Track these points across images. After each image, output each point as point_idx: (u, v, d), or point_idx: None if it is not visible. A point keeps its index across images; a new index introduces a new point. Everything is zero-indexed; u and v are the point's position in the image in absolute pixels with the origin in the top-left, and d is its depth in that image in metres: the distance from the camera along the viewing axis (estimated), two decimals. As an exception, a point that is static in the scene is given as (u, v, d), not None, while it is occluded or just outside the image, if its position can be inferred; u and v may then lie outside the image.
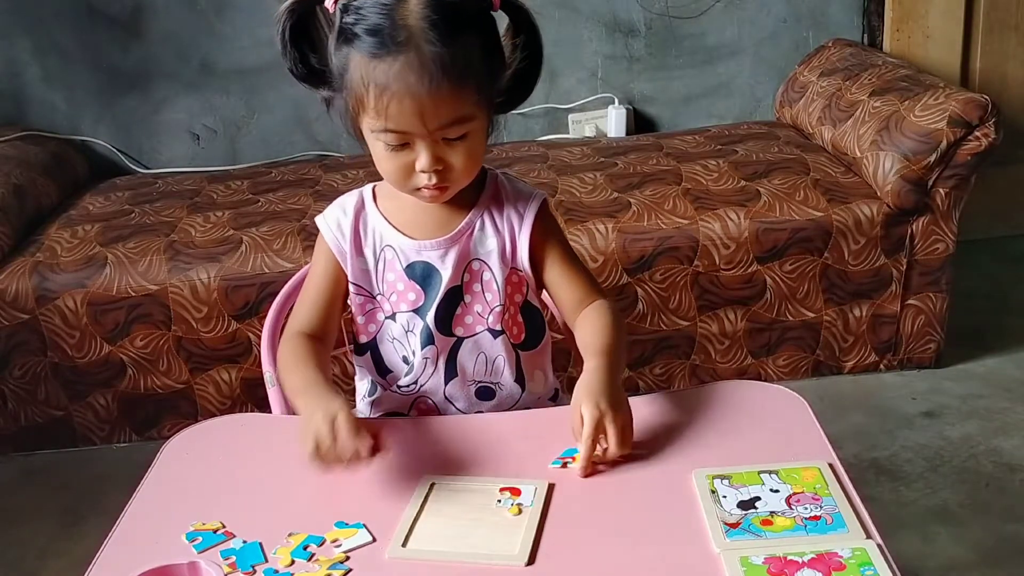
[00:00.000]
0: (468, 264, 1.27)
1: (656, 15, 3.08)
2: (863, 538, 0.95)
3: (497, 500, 1.04)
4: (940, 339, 2.51)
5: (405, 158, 1.16)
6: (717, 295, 2.40)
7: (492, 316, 1.28)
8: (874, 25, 3.09)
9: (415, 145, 1.15)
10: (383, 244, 1.28)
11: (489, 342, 1.29)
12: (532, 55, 1.21)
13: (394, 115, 1.12)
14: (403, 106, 1.11)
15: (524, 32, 1.20)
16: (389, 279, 1.28)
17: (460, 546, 0.98)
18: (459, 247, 1.26)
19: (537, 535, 0.99)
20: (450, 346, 1.29)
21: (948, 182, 2.38)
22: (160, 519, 1.07)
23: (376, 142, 1.17)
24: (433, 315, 1.27)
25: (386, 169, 1.20)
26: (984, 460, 2.18)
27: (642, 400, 1.22)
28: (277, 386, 1.42)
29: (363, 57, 1.12)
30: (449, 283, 1.26)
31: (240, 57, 3.04)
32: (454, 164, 1.17)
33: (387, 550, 0.98)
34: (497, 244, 1.27)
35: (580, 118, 3.12)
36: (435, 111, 1.12)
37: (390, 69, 1.10)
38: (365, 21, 1.12)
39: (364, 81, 1.12)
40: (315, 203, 2.55)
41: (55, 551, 2.09)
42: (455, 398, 1.31)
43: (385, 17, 1.11)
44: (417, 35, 1.10)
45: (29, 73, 3.02)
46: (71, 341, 2.34)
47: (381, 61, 1.11)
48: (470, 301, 1.28)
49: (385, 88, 1.11)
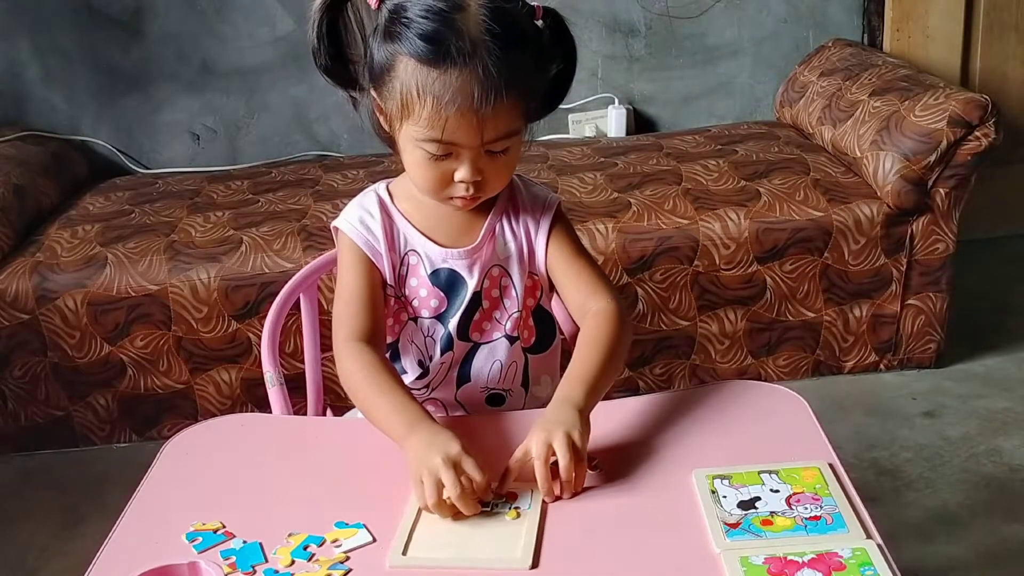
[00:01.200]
0: (488, 270, 1.26)
1: (656, 15, 3.08)
2: (863, 538, 0.95)
3: (495, 504, 1.04)
4: (940, 339, 2.51)
5: (446, 167, 1.14)
6: (717, 295, 2.40)
7: (510, 322, 1.28)
8: (874, 25, 3.09)
9: (459, 156, 1.13)
10: (408, 248, 1.26)
11: (505, 348, 1.28)
12: (568, 64, 1.19)
13: (451, 128, 1.09)
14: (463, 120, 1.08)
15: (560, 42, 1.18)
16: (412, 284, 1.27)
17: (461, 552, 0.98)
18: (483, 254, 1.26)
19: (539, 538, 0.99)
20: (466, 352, 1.28)
21: (948, 182, 2.37)
22: (160, 519, 1.07)
23: (416, 150, 1.14)
24: (456, 322, 1.26)
25: (423, 177, 1.17)
26: (984, 460, 2.18)
27: (642, 400, 1.22)
28: (277, 386, 1.42)
29: (417, 64, 1.08)
30: (472, 290, 1.25)
31: (240, 57, 3.04)
32: (491, 176, 1.16)
33: (387, 559, 0.97)
34: (515, 249, 1.27)
35: (580, 118, 3.12)
36: (494, 126, 1.10)
37: (452, 81, 1.07)
38: (420, 25, 1.08)
39: (420, 90, 1.08)
40: (315, 203, 2.55)
41: (55, 551, 2.09)
42: (465, 403, 1.31)
43: (443, 24, 1.07)
44: (480, 46, 1.07)
45: (29, 73, 3.02)
46: (71, 341, 2.34)
47: (441, 72, 1.07)
48: (488, 307, 1.27)
49: (446, 101, 1.07)
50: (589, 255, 1.30)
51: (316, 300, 1.53)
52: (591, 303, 1.24)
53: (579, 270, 1.27)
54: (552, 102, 1.21)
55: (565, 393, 1.11)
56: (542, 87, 1.18)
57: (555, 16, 1.17)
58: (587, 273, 1.27)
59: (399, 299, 1.28)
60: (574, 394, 1.11)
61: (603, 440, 1.13)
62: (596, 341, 1.19)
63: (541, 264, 1.28)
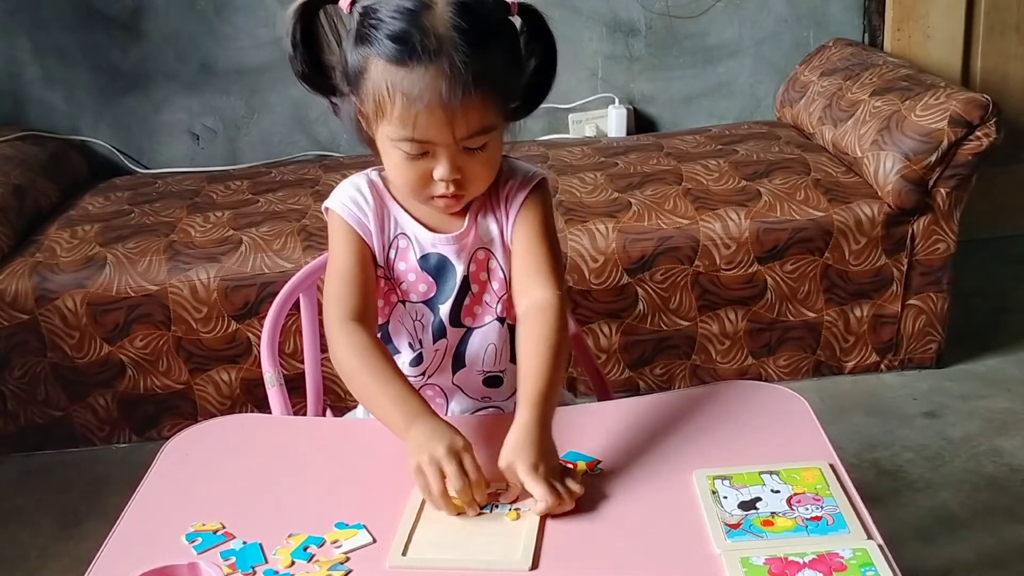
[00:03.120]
0: (474, 254, 1.26)
1: (656, 15, 3.08)
2: (864, 539, 0.95)
3: (495, 505, 1.04)
4: (941, 339, 2.50)
5: (423, 167, 1.15)
6: (718, 295, 2.40)
7: (500, 305, 1.28)
8: (875, 25, 3.09)
9: (436, 154, 1.13)
10: (398, 231, 1.26)
11: (497, 331, 1.28)
12: (547, 60, 1.19)
13: (422, 125, 1.10)
14: (433, 117, 1.09)
15: (538, 38, 1.18)
16: (400, 267, 1.26)
17: (461, 553, 0.98)
18: (470, 238, 1.25)
19: (538, 539, 0.99)
20: (459, 337, 1.28)
21: (949, 182, 2.37)
22: (160, 519, 1.06)
23: (393, 150, 1.15)
24: (448, 309, 1.26)
25: (403, 177, 1.17)
26: (985, 460, 2.18)
27: (642, 401, 1.22)
28: (277, 386, 1.42)
29: (386, 64, 1.09)
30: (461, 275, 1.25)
31: (240, 57, 3.04)
32: (472, 173, 1.16)
33: (387, 560, 0.97)
34: (497, 230, 1.26)
35: (580, 118, 3.12)
36: (465, 121, 1.10)
37: (420, 78, 1.07)
38: (388, 26, 1.09)
39: (390, 89, 1.09)
40: (315, 203, 2.55)
41: (55, 551, 2.08)
42: (463, 386, 1.31)
43: (411, 24, 1.08)
44: (448, 43, 1.07)
45: (29, 73, 3.02)
46: (71, 341, 2.34)
47: (409, 70, 1.08)
48: (478, 291, 1.27)
49: (414, 97, 1.08)
50: (553, 242, 1.26)
51: (316, 300, 1.53)
52: (534, 288, 1.21)
53: (533, 249, 1.23)
54: (535, 99, 1.21)
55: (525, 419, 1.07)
56: (517, 83, 1.17)
57: (531, 11, 1.17)
58: (541, 255, 1.23)
59: (388, 280, 1.27)
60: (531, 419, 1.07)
61: (603, 440, 1.13)
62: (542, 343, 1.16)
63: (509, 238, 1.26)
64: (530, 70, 1.18)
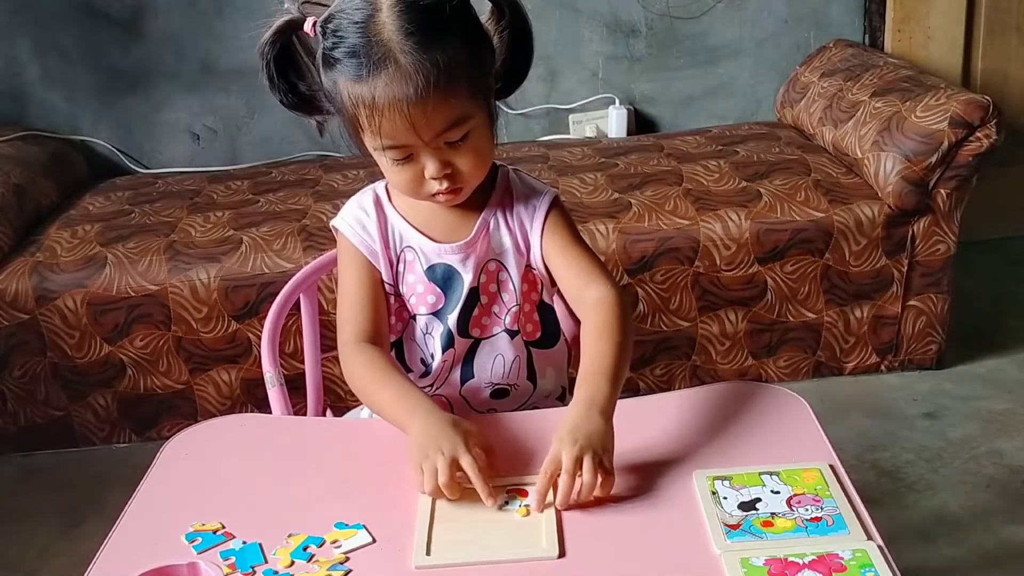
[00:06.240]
0: (485, 265, 1.26)
1: (657, 15, 3.08)
2: (864, 539, 0.95)
3: (505, 503, 1.04)
4: (941, 340, 2.50)
5: (413, 169, 1.15)
6: (718, 296, 2.40)
7: (509, 317, 1.28)
8: (875, 26, 3.09)
9: (420, 155, 1.14)
10: (404, 244, 1.27)
11: (506, 343, 1.29)
12: (520, 34, 1.18)
13: (388, 131, 1.11)
14: (395, 122, 1.09)
15: (508, 12, 1.17)
16: (409, 281, 1.27)
17: (486, 547, 0.98)
18: (478, 249, 1.26)
19: (559, 529, 0.99)
20: (467, 348, 1.28)
21: (949, 183, 2.37)
22: (160, 519, 1.07)
23: (381, 158, 1.16)
24: (456, 318, 1.26)
25: (397, 181, 1.19)
26: (985, 462, 2.18)
27: (643, 401, 1.22)
28: (277, 386, 1.42)
29: (347, 81, 1.11)
30: (469, 286, 1.26)
31: (240, 57, 3.04)
32: (462, 166, 1.16)
33: (412, 561, 0.97)
34: (511, 243, 1.26)
35: (581, 118, 3.12)
36: (427, 121, 1.10)
37: (374, 88, 1.08)
38: (344, 43, 1.10)
39: (353, 103, 1.11)
40: (315, 203, 2.55)
41: (55, 551, 2.08)
42: (470, 398, 1.31)
43: (360, 35, 1.08)
44: (394, 48, 1.07)
45: (29, 73, 3.02)
46: (71, 341, 2.34)
47: (365, 82, 1.09)
48: (487, 302, 1.27)
49: (373, 107, 1.09)
50: (586, 245, 1.28)
51: (316, 300, 1.53)
52: (589, 291, 1.22)
53: (575, 258, 1.25)
54: (518, 74, 1.21)
55: (588, 393, 1.09)
56: (486, 65, 1.16)
57: None
58: (583, 261, 1.25)
59: (399, 297, 1.28)
60: (598, 394, 1.09)
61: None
62: (604, 331, 1.17)
63: (537, 257, 1.27)
64: (505, 47, 1.18)
